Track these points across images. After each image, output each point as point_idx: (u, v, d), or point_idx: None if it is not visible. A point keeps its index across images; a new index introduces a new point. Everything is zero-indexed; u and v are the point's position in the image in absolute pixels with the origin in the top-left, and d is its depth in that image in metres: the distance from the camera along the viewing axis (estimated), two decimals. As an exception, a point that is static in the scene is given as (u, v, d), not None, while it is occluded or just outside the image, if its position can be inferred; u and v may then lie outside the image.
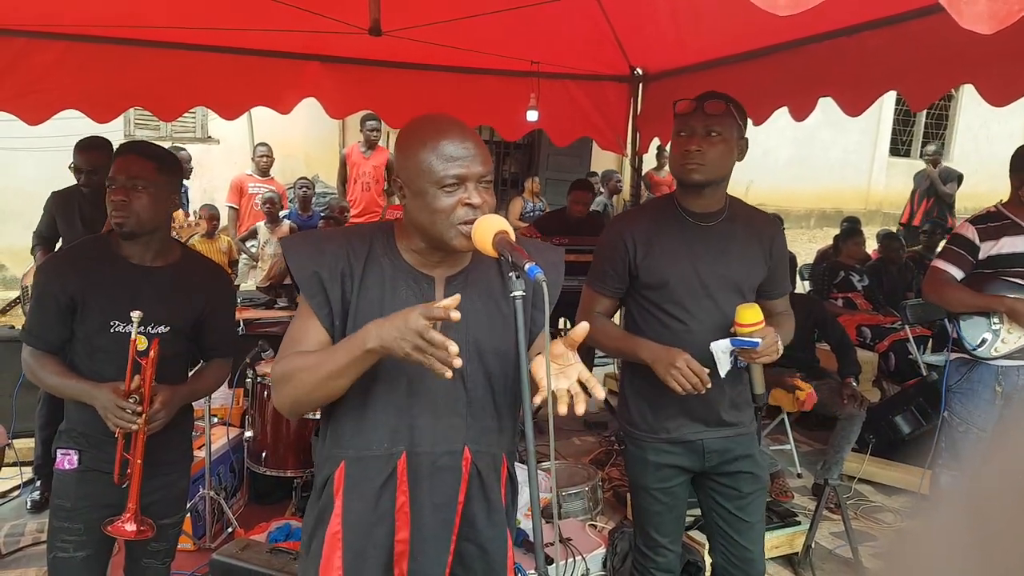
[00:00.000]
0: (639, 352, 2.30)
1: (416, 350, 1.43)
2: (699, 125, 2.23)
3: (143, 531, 2.19)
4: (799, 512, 4.02)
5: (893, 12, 3.21)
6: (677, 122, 2.29)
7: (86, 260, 2.24)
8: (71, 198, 4.04)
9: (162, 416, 2.19)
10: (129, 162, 2.19)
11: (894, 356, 5.78)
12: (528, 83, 4.77)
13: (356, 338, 1.53)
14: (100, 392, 2.12)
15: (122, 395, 2.11)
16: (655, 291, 2.34)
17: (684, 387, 2.17)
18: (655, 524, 2.48)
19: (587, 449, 5.10)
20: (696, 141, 2.23)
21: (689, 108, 2.26)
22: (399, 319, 1.44)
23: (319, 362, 1.59)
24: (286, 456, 3.97)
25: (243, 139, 9.33)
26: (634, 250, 2.34)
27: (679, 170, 2.29)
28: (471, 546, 1.76)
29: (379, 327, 1.48)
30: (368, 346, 1.49)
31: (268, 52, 4.35)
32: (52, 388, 2.28)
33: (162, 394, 2.17)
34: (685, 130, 2.26)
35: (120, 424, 2.10)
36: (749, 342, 2.16)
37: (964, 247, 3.24)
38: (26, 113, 3.95)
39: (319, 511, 1.74)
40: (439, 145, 1.57)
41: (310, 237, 1.88)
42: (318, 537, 1.72)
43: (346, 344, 1.57)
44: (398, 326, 1.44)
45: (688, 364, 2.16)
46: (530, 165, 11.82)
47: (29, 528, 3.86)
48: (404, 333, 1.43)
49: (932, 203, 9.40)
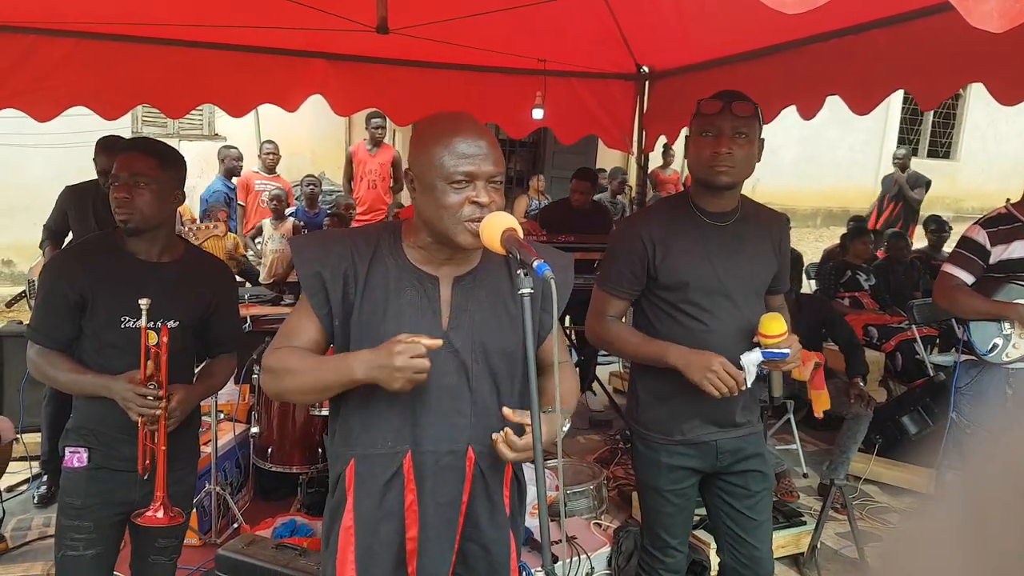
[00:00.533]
0: (667, 357, 2.24)
1: (408, 383, 1.52)
2: (727, 126, 2.18)
3: (174, 518, 2.21)
4: (805, 512, 4.01)
5: (901, 11, 3.20)
6: (701, 122, 2.23)
7: (93, 257, 2.25)
8: (86, 194, 4.04)
9: (178, 414, 2.20)
10: (131, 159, 2.20)
11: (901, 356, 5.77)
12: (534, 81, 4.78)
13: (345, 364, 1.59)
14: (116, 383, 2.12)
15: (139, 383, 2.11)
16: (673, 292, 2.30)
17: (721, 391, 2.15)
18: (665, 525, 2.47)
19: (592, 447, 5.11)
20: (725, 143, 2.17)
21: (716, 108, 2.20)
22: (384, 354, 1.51)
23: (309, 370, 1.65)
24: (292, 452, 3.98)
25: (250, 136, 9.33)
26: (652, 250, 2.29)
27: (706, 172, 2.22)
28: (474, 546, 1.77)
29: (366, 361, 1.55)
30: (356, 376, 1.57)
31: (275, 50, 4.36)
32: (64, 385, 2.25)
33: (178, 393, 2.19)
34: (711, 131, 2.20)
35: (144, 412, 2.11)
36: (779, 353, 2.17)
37: (974, 251, 3.20)
38: (35, 110, 3.97)
39: (334, 506, 1.78)
40: (452, 142, 1.58)
41: (317, 237, 1.91)
42: (334, 532, 1.76)
43: (336, 365, 1.62)
44: (382, 365, 1.52)
45: (724, 367, 2.14)
46: (535, 163, 11.82)
47: (36, 522, 3.88)
48: (391, 373, 1.51)
49: (899, 208, 9.30)
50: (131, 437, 2.23)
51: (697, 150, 2.24)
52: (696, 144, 2.25)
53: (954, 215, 11.95)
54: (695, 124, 2.26)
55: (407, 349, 1.49)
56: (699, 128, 2.24)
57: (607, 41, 4.56)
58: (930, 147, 14.68)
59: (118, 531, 2.32)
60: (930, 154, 14.69)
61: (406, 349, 1.49)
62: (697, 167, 2.26)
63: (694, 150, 2.26)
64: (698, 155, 2.24)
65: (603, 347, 2.66)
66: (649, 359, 2.32)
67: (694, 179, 2.33)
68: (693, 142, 2.27)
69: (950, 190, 14.65)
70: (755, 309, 2.32)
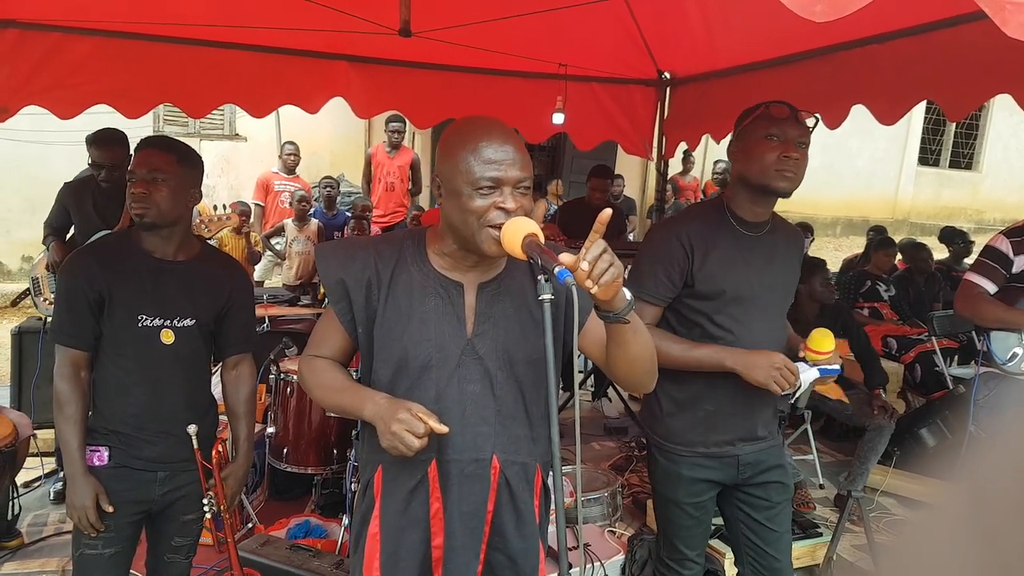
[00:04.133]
0: (724, 361, 2.17)
1: (392, 449, 1.54)
2: (794, 132, 2.14)
3: None
4: (821, 523, 3.97)
5: (928, 20, 3.17)
6: (767, 125, 2.15)
7: (110, 256, 2.25)
8: (84, 188, 4.06)
9: (237, 490, 2.47)
10: (149, 155, 2.20)
11: (920, 368, 5.70)
12: (555, 86, 4.77)
13: (360, 399, 1.65)
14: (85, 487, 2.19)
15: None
16: (707, 301, 2.24)
17: (783, 387, 2.11)
18: (683, 538, 2.44)
19: (607, 454, 5.08)
20: (793, 149, 2.13)
21: (785, 113, 2.15)
22: (390, 410, 1.55)
23: (332, 391, 1.73)
24: (307, 453, 3.98)
25: (270, 137, 9.38)
26: (692, 256, 2.23)
27: (769, 175, 2.14)
28: (501, 556, 1.75)
29: (376, 405, 1.60)
30: (364, 415, 1.63)
31: (298, 51, 4.38)
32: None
33: (229, 484, 2.43)
34: (779, 135, 2.13)
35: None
36: (832, 370, 2.17)
37: (997, 260, 3.18)
38: (58, 107, 4.00)
39: (363, 511, 1.78)
40: (479, 147, 1.57)
41: (342, 245, 1.92)
42: (363, 537, 1.77)
43: (353, 397, 1.67)
44: (383, 418, 1.55)
45: (787, 364, 2.11)
46: (554, 168, 11.81)
47: (52, 519, 3.90)
48: (384, 429, 1.54)
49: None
50: (152, 437, 2.25)
51: (762, 153, 2.15)
52: (760, 147, 2.15)
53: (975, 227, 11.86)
54: (758, 127, 2.17)
55: (410, 423, 1.51)
56: (764, 131, 2.15)
57: (628, 46, 4.55)
58: (952, 158, 14.55)
59: (136, 530, 2.33)
60: (951, 165, 14.56)
61: (409, 423, 1.51)
62: (758, 171, 2.17)
63: (758, 152, 2.16)
64: (763, 158, 2.15)
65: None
66: (700, 365, 2.23)
67: (744, 184, 2.24)
68: (756, 144, 2.16)
69: (972, 201, 14.53)
70: (782, 321, 2.30)
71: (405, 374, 1.68)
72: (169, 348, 2.23)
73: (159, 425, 2.26)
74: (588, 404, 5.92)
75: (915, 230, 12.73)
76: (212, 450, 2.35)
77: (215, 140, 9.79)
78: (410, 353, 1.67)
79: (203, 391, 2.42)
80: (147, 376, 2.23)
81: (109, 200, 3.87)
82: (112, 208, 3.79)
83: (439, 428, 1.53)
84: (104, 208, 3.92)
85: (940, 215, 13.79)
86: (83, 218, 4.02)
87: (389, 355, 1.69)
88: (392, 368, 1.69)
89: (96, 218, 3.93)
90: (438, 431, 1.53)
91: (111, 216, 3.80)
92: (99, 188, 3.94)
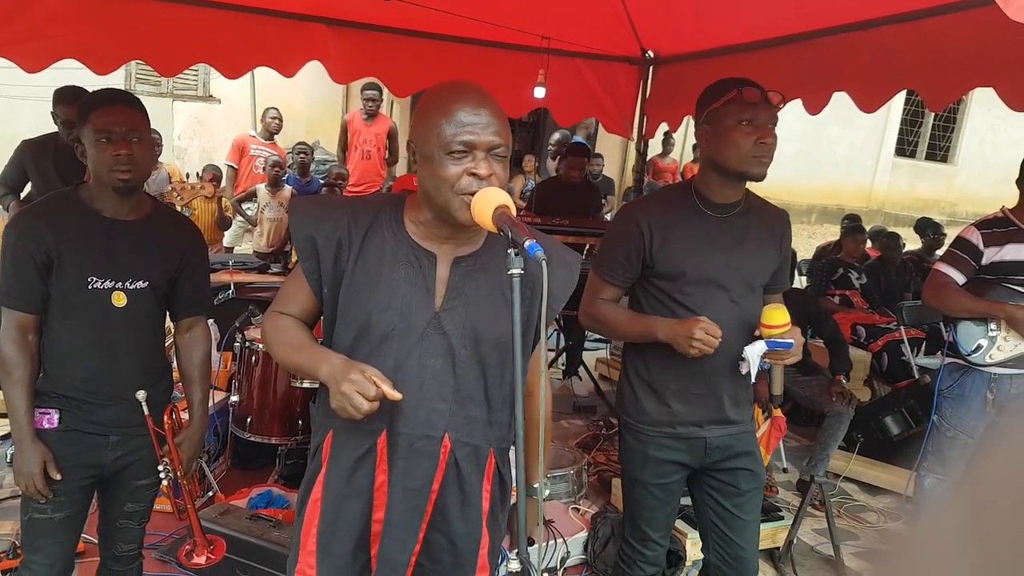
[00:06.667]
0: (656, 331, 2.20)
1: (340, 410, 1.49)
2: (766, 116, 2.11)
3: (211, 559, 2.44)
4: (783, 507, 4.01)
5: (912, 8, 3.15)
6: (740, 110, 2.11)
7: (58, 215, 2.15)
8: (45, 148, 3.95)
9: (192, 455, 2.42)
10: (122, 113, 2.10)
11: (887, 356, 5.77)
12: (537, 59, 4.70)
13: (317, 359, 1.59)
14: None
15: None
16: (669, 281, 2.26)
17: (704, 351, 2.10)
18: (648, 519, 2.44)
19: (575, 432, 5.09)
20: (768, 133, 2.11)
21: (757, 97, 2.11)
22: (343, 371, 1.50)
23: (290, 349, 1.67)
24: (271, 423, 3.93)
25: (245, 99, 9.23)
26: (650, 239, 2.24)
27: (746, 161, 2.12)
28: (441, 538, 1.72)
29: (331, 366, 1.54)
30: (319, 375, 1.57)
31: (275, 12, 4.27)
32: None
33: (185, 448, 2.37)
34: (754, 119, 2.10)
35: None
36: (783, 343, 2.14)
37: (968, 251, 3.20)
38: (25, 60, 3.87)
39: (310, 475, 1.75)
40: (452, 110, 1.52)
41: (317, 201, 1.87)
42: (305, 502, 1.73)
43: (311, 356, 1.62)
44: (336, 378, 1.50)
45: (706, 329, 2.09)
46: (534, 144, 11.75)
47: (7, 481, 3.82)
48: (335, 389, 1.49)
49: None
50: (105, 401, 2.19)
51: (738, 140, 2.12)
52: (735, 133, 2.12)
53: (948, 219, 11.96)
54: (730, 111, 2.13)
55: (361, 385, 1.46)
56: (737, 117, 2.12)
57: (613, 23, 4.50)
58: (928, 150, 14.68)
59: (87, 494, 2.28)
60: (928, 157, 14.69)
61: (360, 384, 1.46)
62: (735, 158, 2.14)
63: (733, 139, 2.13)
64: (739, 145, 2.12)
65: (595, 328, 2.62)
66: (638, 335, 2.31)
67: (717, 168, 2.21)
68: (730, 131, 2.13)
69: (946, 194, 14.69)
70: (752, 304, 2.28)
71: (366, 340, 1.63)
72: (121, 311, 2.16)
73: (112, 389, 2.20)
74: (559, 382, 5.93)
75: (889, 220, 12.82)
76: (164, 415, 2.29)
77: (188, 101, 9.61)
78: (374, 319, 1.62)
79: (157, 355, 2.35)
80: (99, 340, 2.16)
81: (72, 161, 3.76)
82: (74, 169, 3.69)
83: (392, 394, 1.48)
84: (66, 168, 3.80)
85: (915, 206, 13.93)
86: (43, 179, 3.91)
87: (352, 319, 1.64)
88: (354, 332, 1.64)
89: (57, 179, 3.82)
90: (391, 397, 1.48)
91: (73, 178, 3.70)
92: (60, 149, 3.81)
